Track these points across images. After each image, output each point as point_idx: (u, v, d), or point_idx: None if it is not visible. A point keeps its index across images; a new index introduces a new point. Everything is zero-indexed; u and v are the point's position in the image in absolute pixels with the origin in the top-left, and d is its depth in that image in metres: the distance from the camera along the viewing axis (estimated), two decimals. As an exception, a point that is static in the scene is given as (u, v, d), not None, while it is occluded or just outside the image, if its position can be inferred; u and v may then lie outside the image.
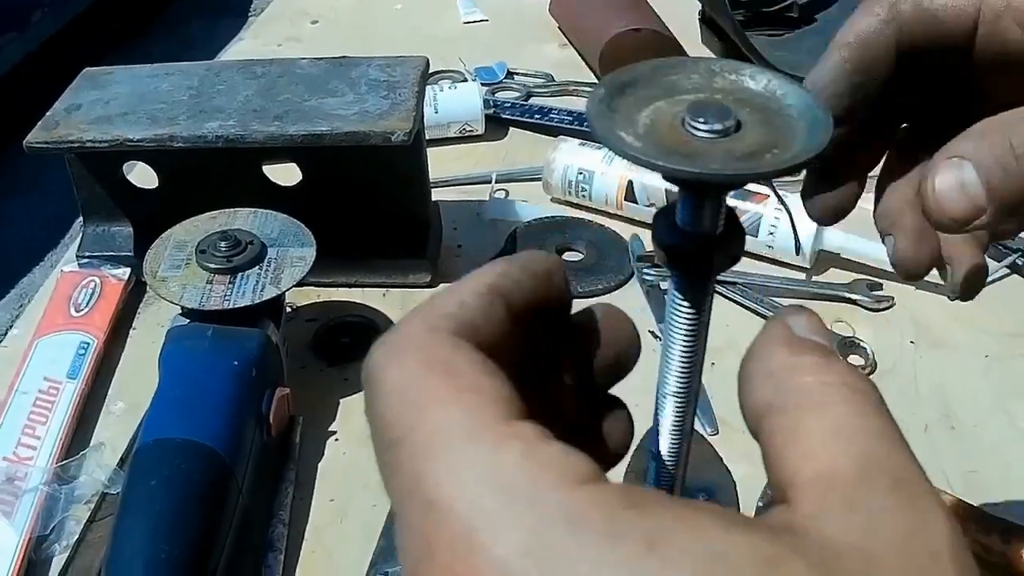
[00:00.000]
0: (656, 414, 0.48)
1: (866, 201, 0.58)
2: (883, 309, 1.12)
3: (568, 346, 0.44)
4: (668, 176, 0.38)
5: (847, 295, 1.12)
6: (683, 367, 0.45)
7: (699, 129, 0.38)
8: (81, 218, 1.18)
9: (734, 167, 0.37)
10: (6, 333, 1.16)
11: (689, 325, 0.44)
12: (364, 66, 1.13)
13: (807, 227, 1.12)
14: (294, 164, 1.11)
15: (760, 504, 0.85)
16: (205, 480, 0.82)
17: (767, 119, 0.39)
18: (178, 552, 0.77)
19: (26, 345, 1.08)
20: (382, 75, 1.11)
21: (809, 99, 0.40)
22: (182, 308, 0.95)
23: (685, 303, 0.44)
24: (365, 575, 0.78)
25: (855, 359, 1.04)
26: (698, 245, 0.42)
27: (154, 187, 1.15)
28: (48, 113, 1.10)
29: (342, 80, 1.11)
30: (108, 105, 1.10)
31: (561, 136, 1.32)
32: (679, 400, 0.46)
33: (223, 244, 0.97)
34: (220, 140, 1.04)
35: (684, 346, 0.45)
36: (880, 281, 1.14)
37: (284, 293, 0.97)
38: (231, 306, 0.93)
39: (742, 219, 1.09)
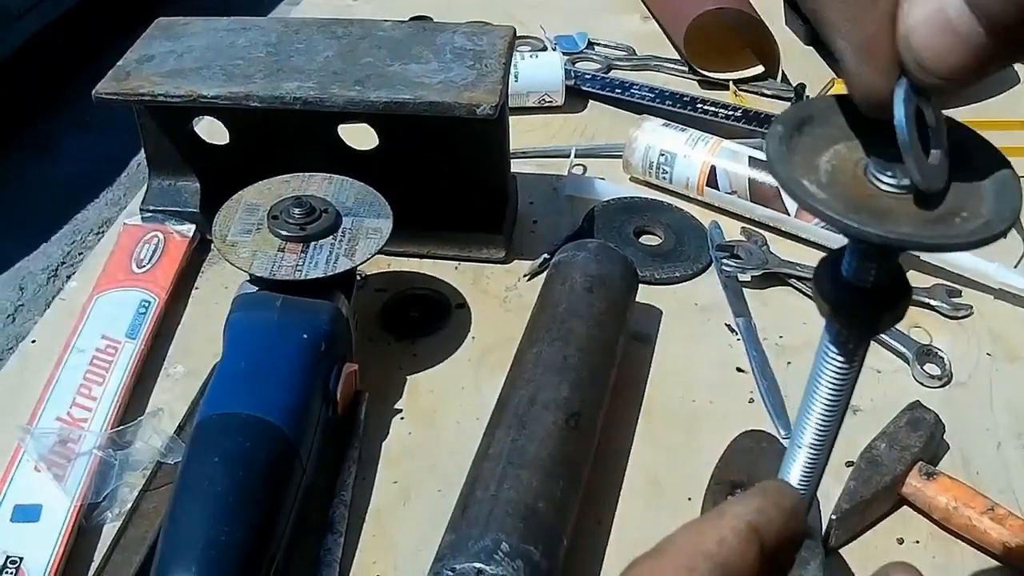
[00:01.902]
0: (786, 459, 0.45)
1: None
2: (961, 317, 1.08)
3: None
4: (856, 236, 0.35)
5: (926, 300, 1.08)
6: (825, 419, 0.43)
7: (884, 182, 0.36)
8: (139, 158, 1.15)
9: (927, 235, 0.35)
10: (61, 274, 1.14)
11: (840, 377, 0.43)
12: (449, 32, 1.09)
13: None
14: (370, 128, 1.08)
15: (833, 517, 0.83)
16: (269, 459, 0.80)
17: (951, 171, 0.37)
18: (238, 534, 0.75)
19: (85, 300, 1.06)
20: (468, 43, 1.07)
21: (995, 154, 0.37)
22: (250, 275, 0.92)
23: (840, 357, 0.42)
24: (430, 568, 0.75)
25: (932, 368, 1.01)
26: (865, 302, 0.40)
27: (224, 143, 1.12)
28: (119, 62, 1.07)
29: (426, 46, 1.07)
30: (182, 58, 1.07)
31: (644, 114, 1.28)
32: (813, 452, 0.44)
33: (297, 211, 0.94)
34: (298, 102, 1.00)
35: (830, 398, 0.43)
36: (959, 288, 1.10)
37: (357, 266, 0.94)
38: (303, 277, 0.90)
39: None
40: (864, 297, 0.40)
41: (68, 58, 3.56)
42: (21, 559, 0.82)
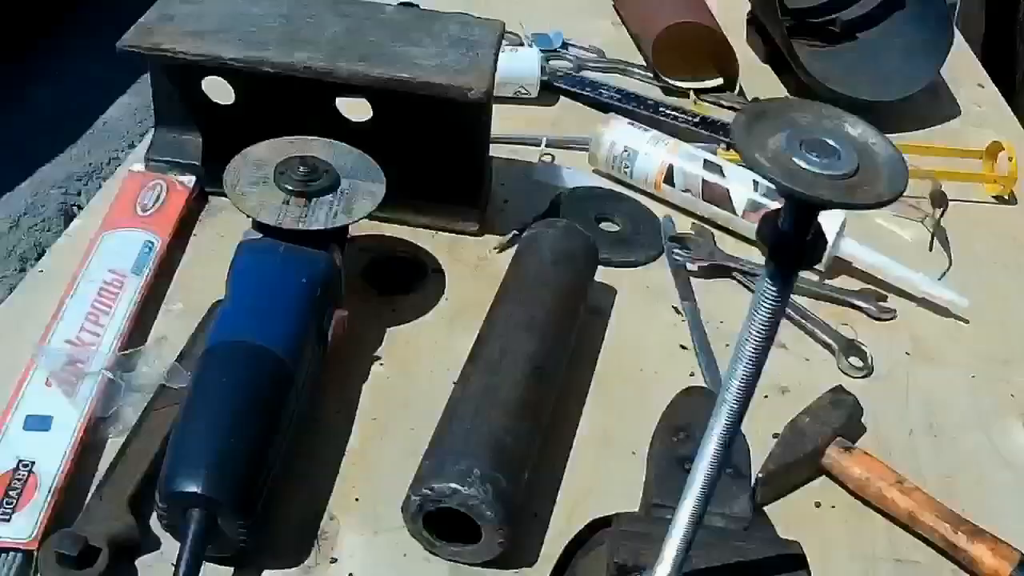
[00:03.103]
0: (724, 385, 0.58)
1: (879, 217, 0.67)
2: (886, 319, 1.20)
3: None
4: (787, 194, 0.49)
5: (854, 301, 1.21)
6: (759, 340, 0.57)
7: (811, 160, 0.50)
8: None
9: (839, 196, 0.49)
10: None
11: (773, 306, 0.56)
12: (445, 21, 1.20)
13: (828, 233, 1.20)
14: (365, 102, 1.17)
15: (760, 475, 0.94)
16: (270, 383, 0.90)
17: (860, 160, 0.51)
18: (244, 445, 0.85)
19: (92, 236, 1.14)
20: (462, 33, 1.18)
21: (893, 151, 0.52)
22: (254, 223, 1.02)
23: (773, 289, 0.55)
24: (410, 487, 0.86)
25: (855, 360, 1.12)
26: (794, 245, 0.54)
27: (229, 103, 1.21)
28: (141, 19, 1.16)
29: (425, 32, 1.17)
30: (201, 20, 1.16)
31: (611, 113, 1.39)
32: (748, 367, 0.57)
33: (302, 168, 1.04)
34: (307, 71, 1.10)
35: (764, 322, 0.57)
36: (886, 293, 1.22)
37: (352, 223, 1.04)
38: (306, 227, 1.00)
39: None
40: (793, 242, 0.53)
41: (37, 11, 3.59)
42: (33, 463, 0.89)
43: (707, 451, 0.62)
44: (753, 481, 0.92)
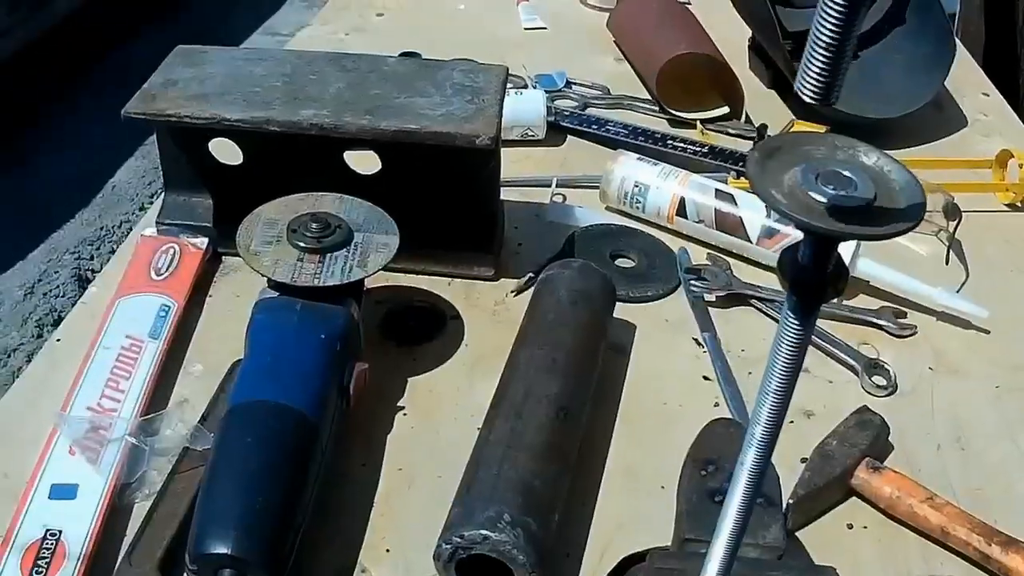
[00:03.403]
0: (753, 417, 0.57)
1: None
2: (906, 336, 1.20)
3: None
4: (809, 230, 0.49)
5: (874, 320, 1.20)
6: (785, 372, 0.56)
7: (827, 193, 0.49)
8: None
9: (852, 229, 0.48)
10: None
11: (797, 339, 0.55)
12: (448, 69, 1.21)
13: (843, 255, 1.20)
14: (373, 153, 1.18)
15: (790, 501, 0.93)
16: (296, 440, 0.90)
17: (876, 188, 0.50)
18: (272, 503, 0.85)
19: (108, 303, 1.15)
20: (466, 80, 1.18)
21: (909, 177, 0.51)
22: (269, 282, 1.02)
23: (796, 322, 0.55)
24: (440, 536, 0.86)
25: (879, 379, 1.12)
26: (815, 279, 0.53)
27: (237, 164, 1.22)
28: (144, 86, 1.17)
29: (428, 81, 1.18)
30: (204, 84, 1.17)
31: (620, 149, 1.40)
32: (776, 399, 0.56)
33: (314, 225, 1.04)
34: (314, 128, 1.11)
35: (789, 355, 0.56)
36: (905, 310, 1.22)
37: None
38: (321, 283, 1.00)
39: (785, 242, 1.19)
40: (814, 276, 0.53)
41: (45, 76, 3.63)
42: (60, 532, 0.89)
43: (739, 484, 0.61)
44: (784, 508, 0.92)
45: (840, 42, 0.46)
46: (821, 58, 0.47)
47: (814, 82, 0.48)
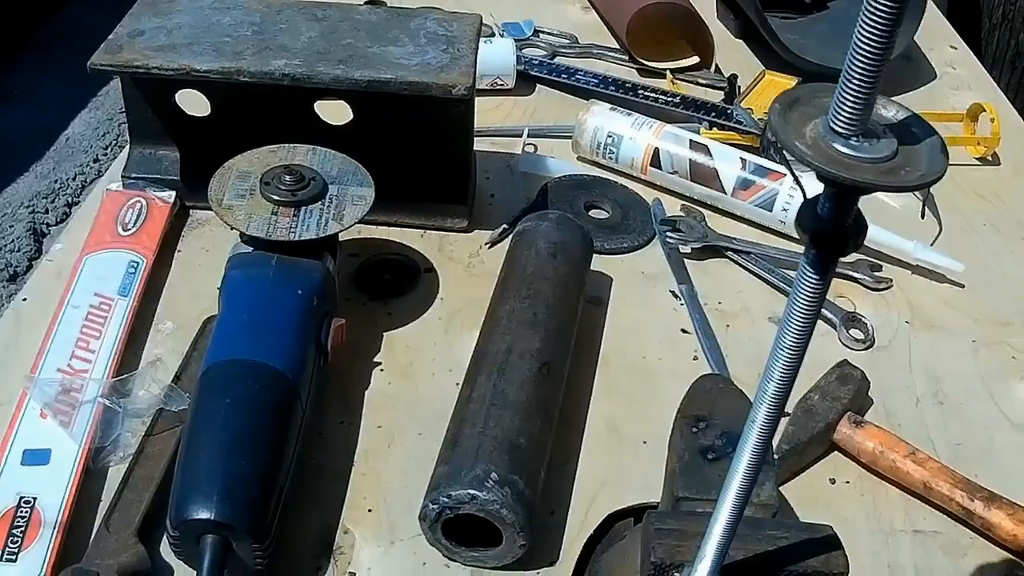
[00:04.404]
0: (767, 370, 0.56)
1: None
2: (882, 289, 1.20)
3: None
4: (834, 180, 0.48)
5: (850, 273, 1.20)
6: (802, 328, 0.55)
7: (850, 145, 0.48)
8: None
9: (881, 180, 0.48)
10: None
11: (814, 292, 0.54)
12: (422, 18, 1.18)
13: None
14: (344, 104, 1.16)
15: (775, 457, 0.92)
16: (275, 401, 0.88)
17: (899, 142, 0.49)
18: (252, 467, 0.83)
19: (74, 261, 1.12)
20: (440, 29, 1.16)
21: (930, 129, 0.51)
22: (242, 236, 1.00)
23: (815, 276, 0.53)
24: (426, 496, 0.84)
25: (856, 332, 1.12)
26: (836, 232, 0.52)
27: (205, 115, 1.19)
28: (111, 36, 1.14)
29: (402, 30, 1.15)
30: (171, 34, 1.14)
31: (592, 99, 1.38)
32: (792, 352, 0.55)
33: (288, 178, 1.02)
34: (286, 78, 1.08)
35: (806, 310, 0.55)
36: (880, 263, 1.21)
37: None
38: (297, 238, 0.98)
39: (760, 194, 1.18)
40: (834, 229, 0.52)
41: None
42: (35, 499, 0.87)
43: (749, 443, 0.61)
44: (775, 465, 0.91)
45: (872, 83, 0.47)
46: (853, 96, 0.47)
47: (848, 118, 0.48)
